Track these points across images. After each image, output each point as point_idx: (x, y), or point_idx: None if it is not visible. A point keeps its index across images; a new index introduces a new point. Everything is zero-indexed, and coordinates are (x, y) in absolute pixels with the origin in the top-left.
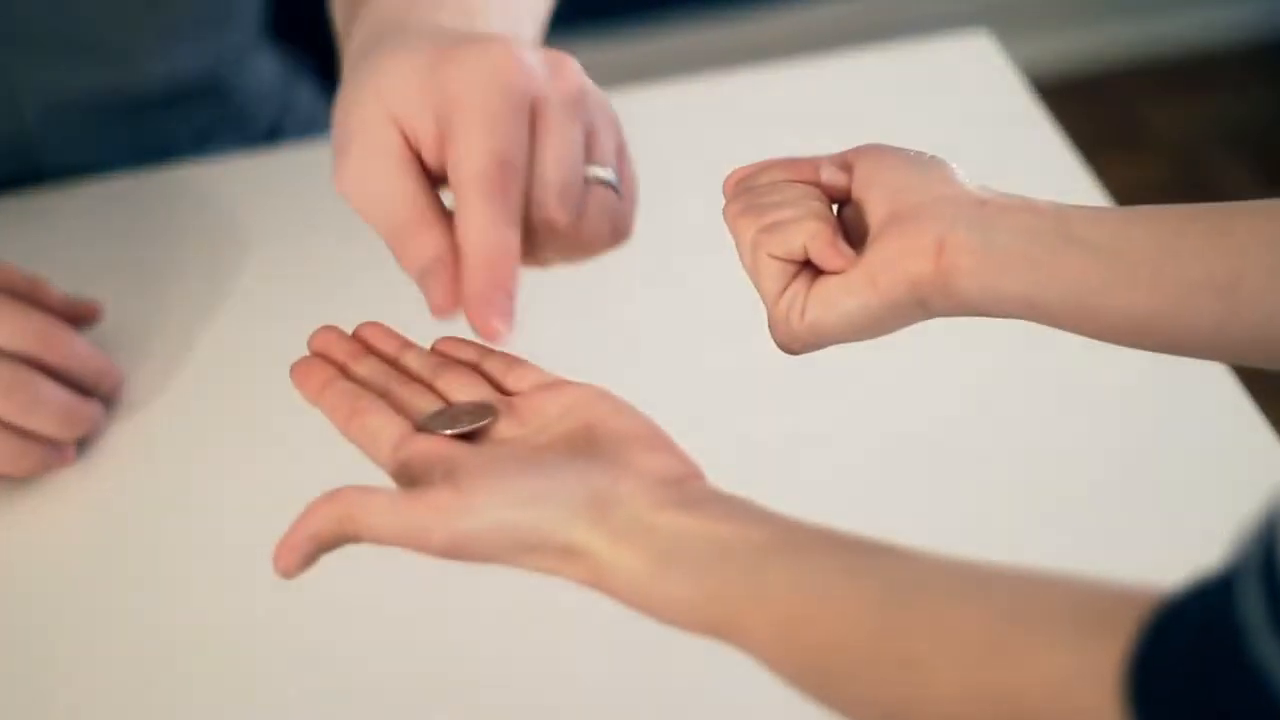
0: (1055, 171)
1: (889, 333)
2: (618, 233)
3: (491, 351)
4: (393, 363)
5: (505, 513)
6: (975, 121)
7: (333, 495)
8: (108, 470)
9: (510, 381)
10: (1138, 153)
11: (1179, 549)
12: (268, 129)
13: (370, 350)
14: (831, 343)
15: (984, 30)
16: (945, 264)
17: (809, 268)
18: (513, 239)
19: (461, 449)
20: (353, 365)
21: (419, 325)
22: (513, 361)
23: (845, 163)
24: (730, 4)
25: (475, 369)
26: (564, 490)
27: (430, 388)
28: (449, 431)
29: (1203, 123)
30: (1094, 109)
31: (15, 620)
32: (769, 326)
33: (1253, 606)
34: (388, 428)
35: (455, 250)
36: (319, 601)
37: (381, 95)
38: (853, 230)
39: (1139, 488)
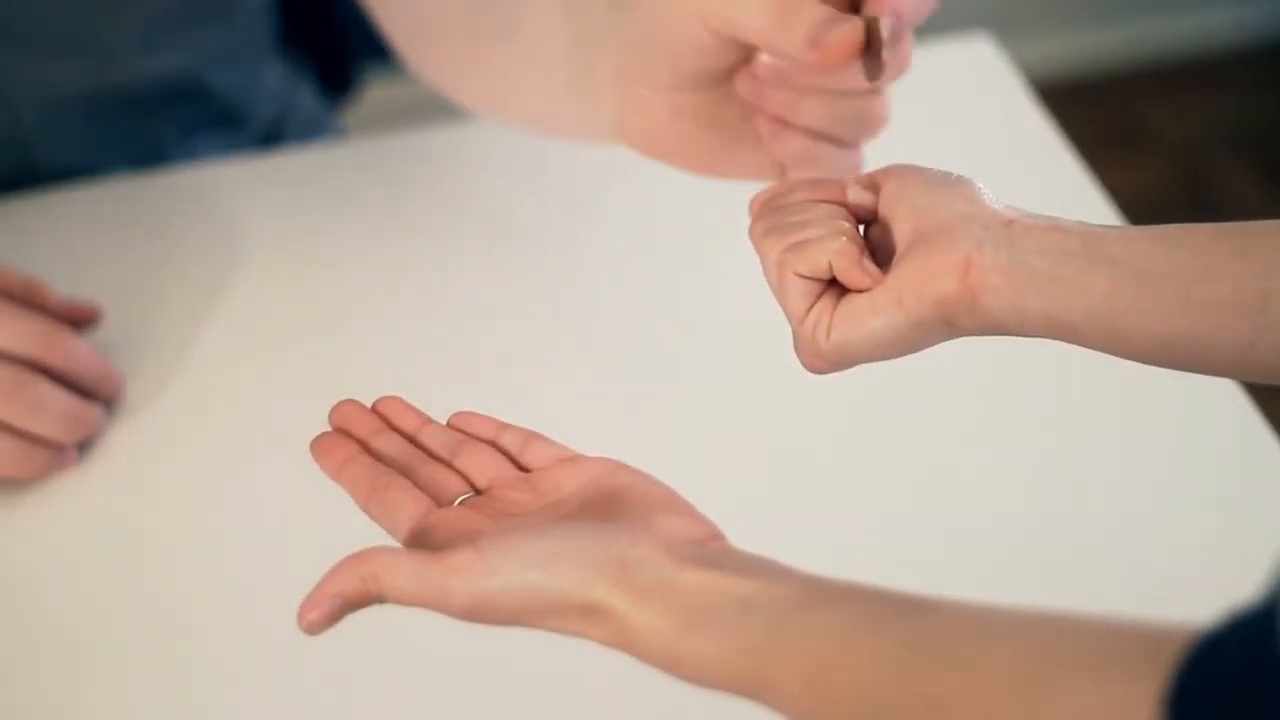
0: (1056, 174)
1: (915, 351)
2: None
3: (508, 426)
4: (412, 439)
5: (526, 573)
6: (976, 124)
7: (359, 556)
8: (109, 473)
9: (528, 457)
10: (1139, 155)
11: (1180, 558)
12: (266, 131)
13: (390, 426)
14: (858, 362)
15: (985, 33)
16: (972, 283)
17: (834, 287)
18: None
19: (483, 520)
20: (373, 441)
21: (418, 323)
22: (530, 436)
23: (872, 182)
24: None
25: (493, 445)
26: (585, 550)
27: (450, 465)
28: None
29: (1204, 125)
30: (1095, 111)
31: (16, 622)
32: (795, 346)
33: None
34: (409, 505)
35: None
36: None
37: None
38: (879, 250)
39: (1148, 505)
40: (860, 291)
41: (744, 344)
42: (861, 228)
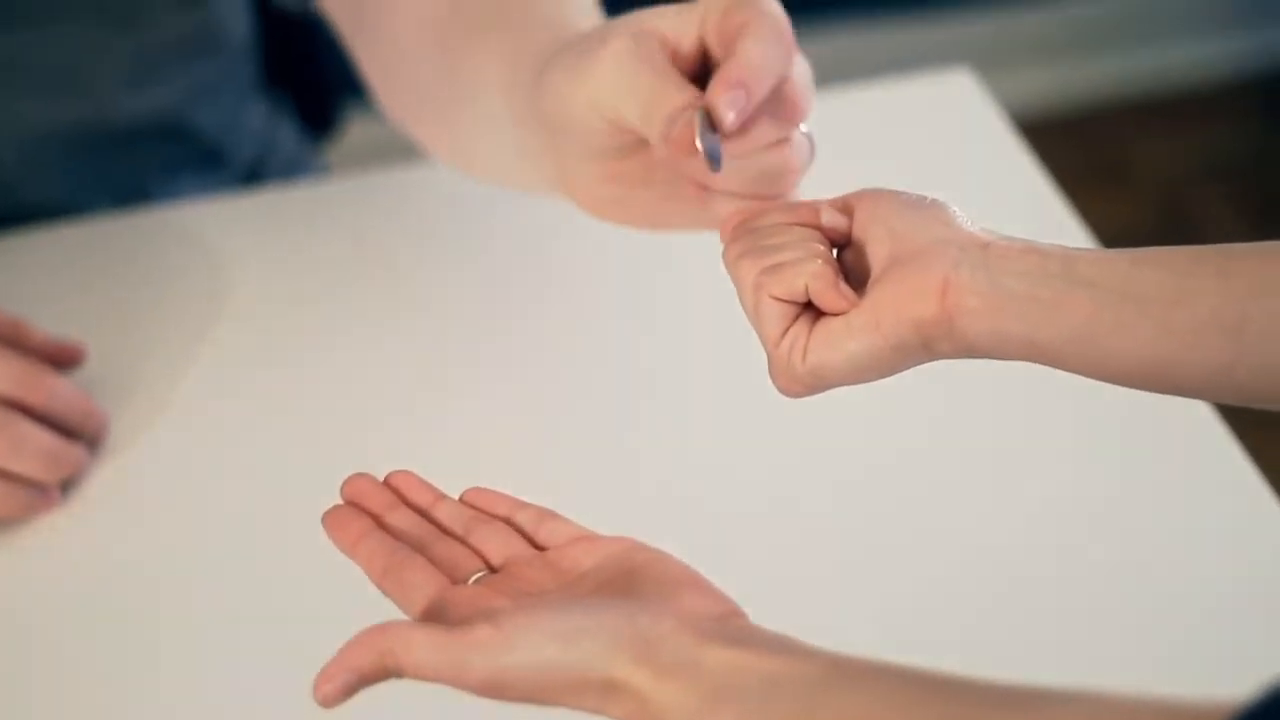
0: (1037, 209)
1: (892, 374)
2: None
3: (523, 504)
4: (425, 514)
5: (546, 649)
6: (957, 160)
7: (376, 630)
8: (92, 512)
9: (543, 535)
10: (1120, 190)
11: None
12: (249, 170)
13: (403, 501)
14: (833, 385)
15: (966, 67)
16: (950, 305)
17: (810, 310)
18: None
19: (499, 598)
20: (387, 516)
21: (403, 359)
22: (545, 515)
23: (845, 206)
24: None
25: (508, 522)
26: (606, 627)
27: (464, 542)
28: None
29: (1185, 160)
30: (1076, 146)
31: None
32: (770, 370)
33: None
34: (424, 585)
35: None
36: (308, 642)
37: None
38: (853, 273)
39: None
40: (836, 315)
41: (727, 369)
42: (835, 251)
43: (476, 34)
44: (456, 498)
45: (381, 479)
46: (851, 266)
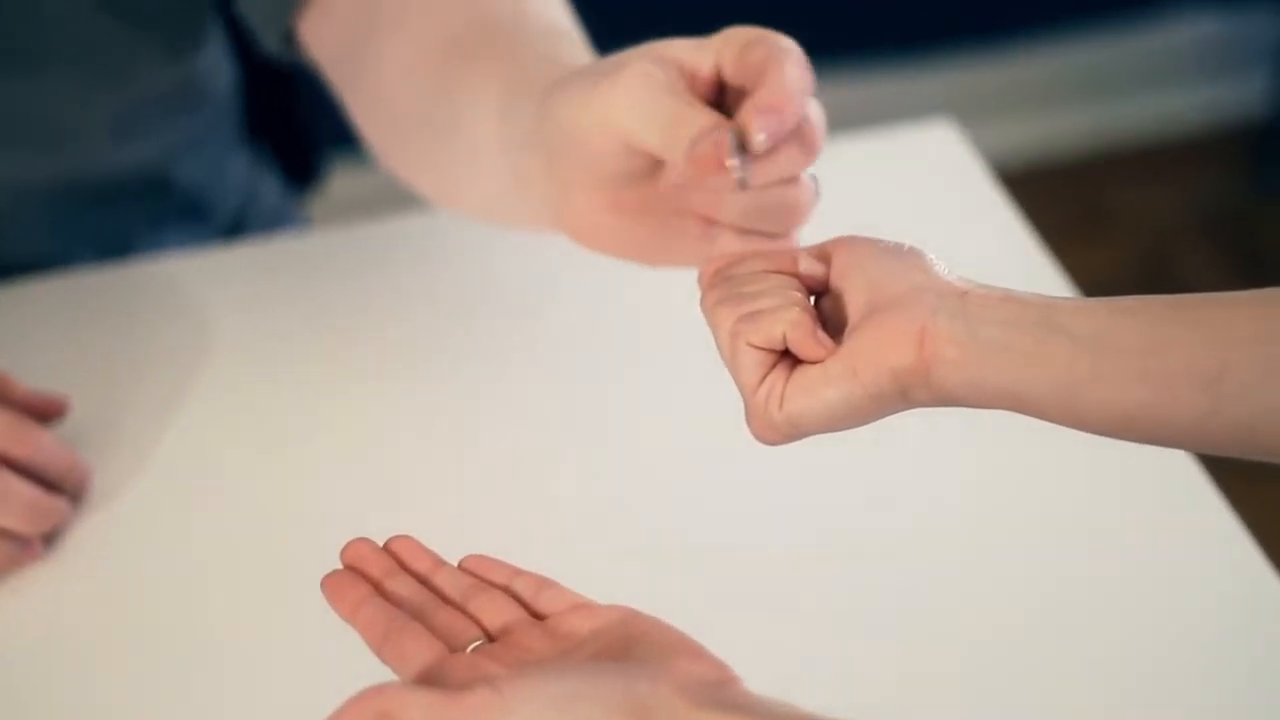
0: (1019, 259)
1: (868, 423)
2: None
3: (521, 572)
4: (425, 581)
5: (544, 713)
6: (940, 211)
7: (373, 691)
8: (75, 566)
9: (542, 603)
10: (1101, 240)
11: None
12: (231, 222)
13: (402, 566)
14: (810, 433)
15: (948, 119)
16: (928, 355)
17: (787, 358)
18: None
19: (497, 665)
20: (386, 582)
21: (385, 412)
22: (543, 583)
23: (823, 253)
24: None
25: (506, 590)
26: (603, 691)
27: (462, 610)
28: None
29: (1168, 209)
30: (1058, 196)
31: None
32: (746, 417)
33: None
34: (423, 653)
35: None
36: (297, 701)
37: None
38: (831, 321)
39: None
40: (814, 363)
41: (727, 422)
42: (813, 298)
43: (473, 62)
44: (443, 550)
45: (381, 543)
46: (829, 314)
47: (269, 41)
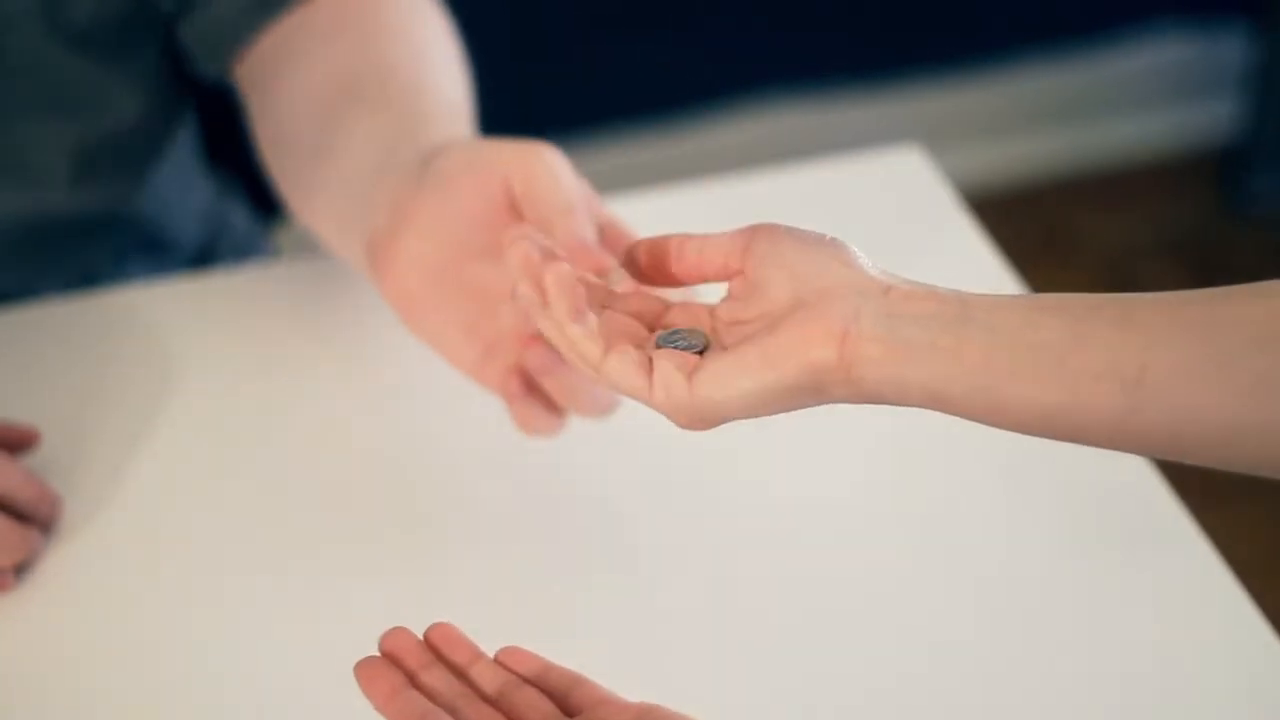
0: (987, 283)
1: (785, 412)
2: None
3: (553, 666)
4: (461, 673)
5: None
6: (906, 234)
7: None
8: (47, 597)
9: (575, 698)
10: (1070, 264)
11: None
12: (198, 253)
13: (440, 657)
14: (729, 418)
15: (914, 145)
16: (849, 352)
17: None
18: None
19: None
20: (422, 674)
21: (354, 441)
22: (575, 680)
23: (741, 240)
24: (662, 122)
25: (538, 682)
26: None
27: (496, 707)
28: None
29: (1135, 233)
30: (1024, 220)
31: None
32: (668, 417)
33: None
34: None
35: None
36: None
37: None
38: (746, 307)
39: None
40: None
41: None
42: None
43: (364, 102)
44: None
45: (421, 633)
46: (745, 300)
47: (208, 68)
